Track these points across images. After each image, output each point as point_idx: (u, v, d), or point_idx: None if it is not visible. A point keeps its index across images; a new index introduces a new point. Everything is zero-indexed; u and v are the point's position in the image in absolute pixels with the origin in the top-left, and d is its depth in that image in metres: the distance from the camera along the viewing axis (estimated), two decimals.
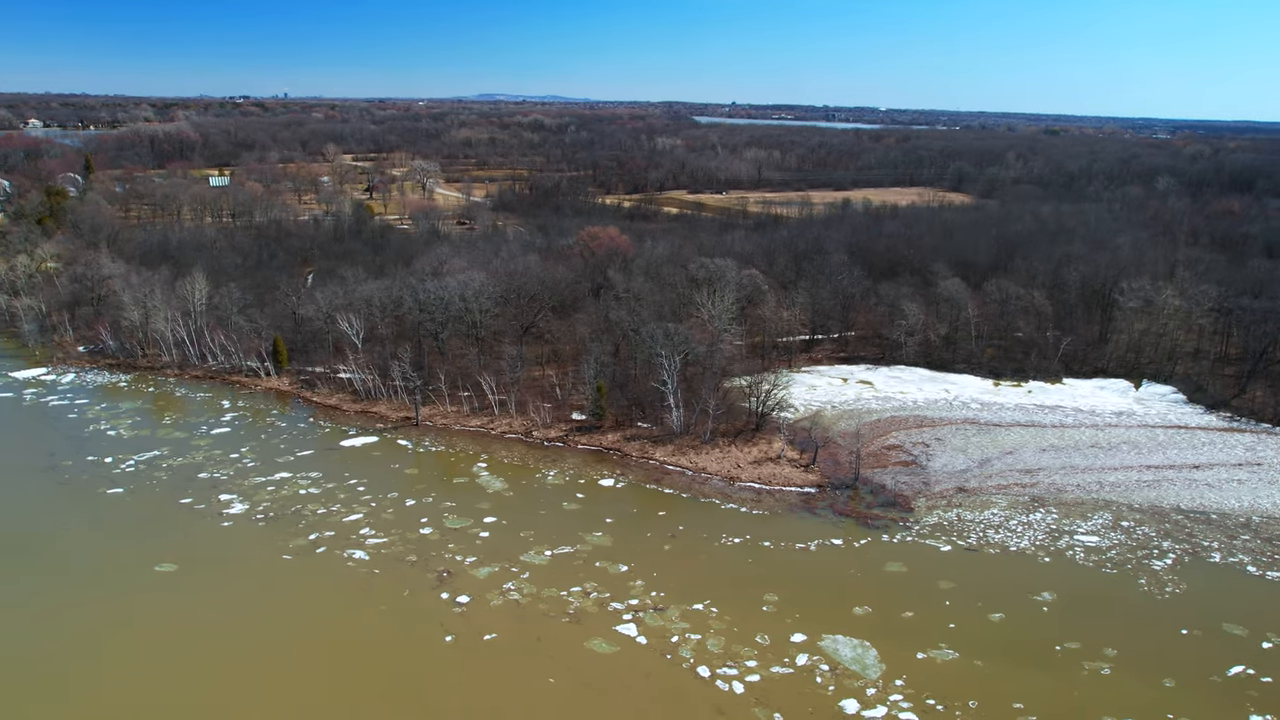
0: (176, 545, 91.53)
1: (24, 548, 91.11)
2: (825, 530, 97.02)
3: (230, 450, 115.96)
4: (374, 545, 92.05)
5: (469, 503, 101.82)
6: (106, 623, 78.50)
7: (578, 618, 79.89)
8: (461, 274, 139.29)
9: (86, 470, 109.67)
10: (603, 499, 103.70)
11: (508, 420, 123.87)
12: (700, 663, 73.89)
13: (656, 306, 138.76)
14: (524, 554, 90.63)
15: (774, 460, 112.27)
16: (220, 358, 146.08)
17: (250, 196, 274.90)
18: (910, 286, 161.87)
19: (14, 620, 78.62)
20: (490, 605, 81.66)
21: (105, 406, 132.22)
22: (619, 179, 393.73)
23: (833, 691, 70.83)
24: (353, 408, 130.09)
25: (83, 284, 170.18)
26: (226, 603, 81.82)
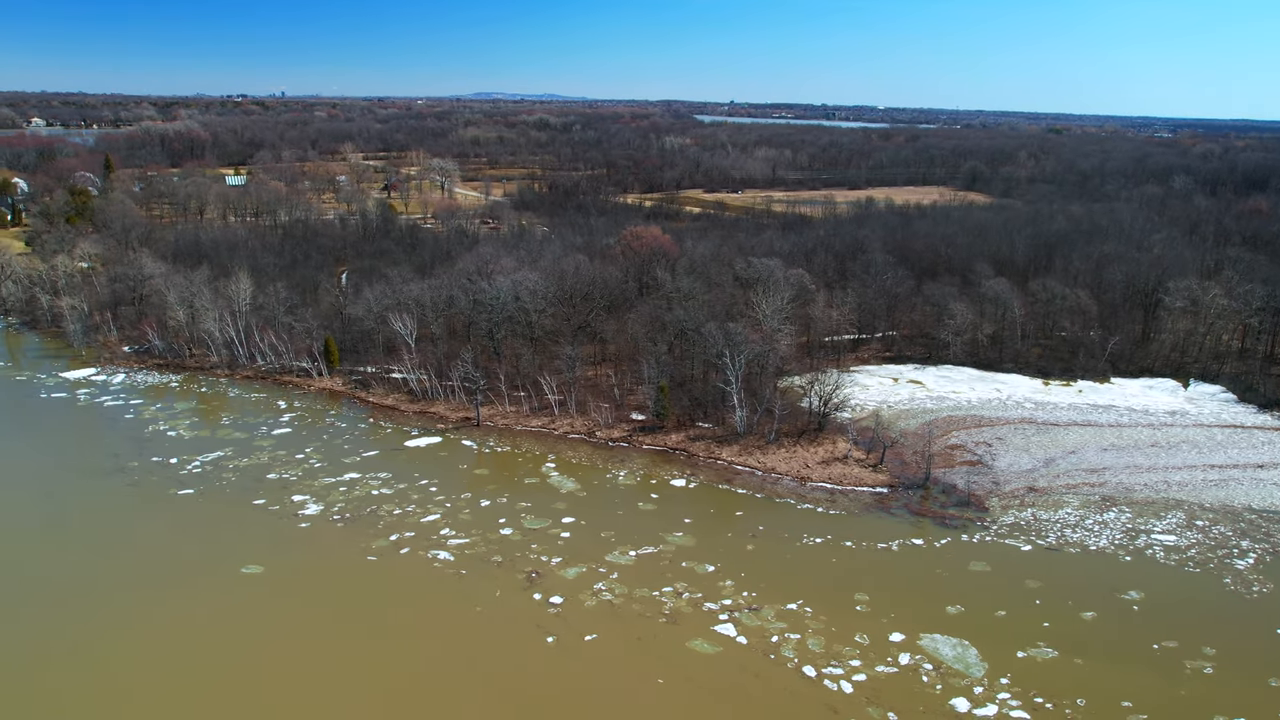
0: (259, 547, 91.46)
1: (109, 551, 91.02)
2: (904, 530, 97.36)
3: (294, 451, 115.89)
4: (456, 546, 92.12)
5: (544, 503, 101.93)
6: (204, 626, 78.29)
7: (674, 618, 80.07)
8: (515, 273, 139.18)
9: (154, 472, 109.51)
10: (677, 499, 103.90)
11: (569, 420, 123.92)
12: (804, 662, 74.14)
13: (708, 306, 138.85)
14: (609, 554, 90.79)
15: (841, 460, 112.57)
16: (270, 358, 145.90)
17: (275, 196, 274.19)
18: (954, 286, 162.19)
19: (115, 625, 78.47)
20: (584, 606, 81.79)
21: (160, 407, 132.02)
22: (635, 178, 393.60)
23: (940, 690, 71.13)
24: (410, 408, 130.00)
25: (125, 284, 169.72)
26: (319, 604, 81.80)
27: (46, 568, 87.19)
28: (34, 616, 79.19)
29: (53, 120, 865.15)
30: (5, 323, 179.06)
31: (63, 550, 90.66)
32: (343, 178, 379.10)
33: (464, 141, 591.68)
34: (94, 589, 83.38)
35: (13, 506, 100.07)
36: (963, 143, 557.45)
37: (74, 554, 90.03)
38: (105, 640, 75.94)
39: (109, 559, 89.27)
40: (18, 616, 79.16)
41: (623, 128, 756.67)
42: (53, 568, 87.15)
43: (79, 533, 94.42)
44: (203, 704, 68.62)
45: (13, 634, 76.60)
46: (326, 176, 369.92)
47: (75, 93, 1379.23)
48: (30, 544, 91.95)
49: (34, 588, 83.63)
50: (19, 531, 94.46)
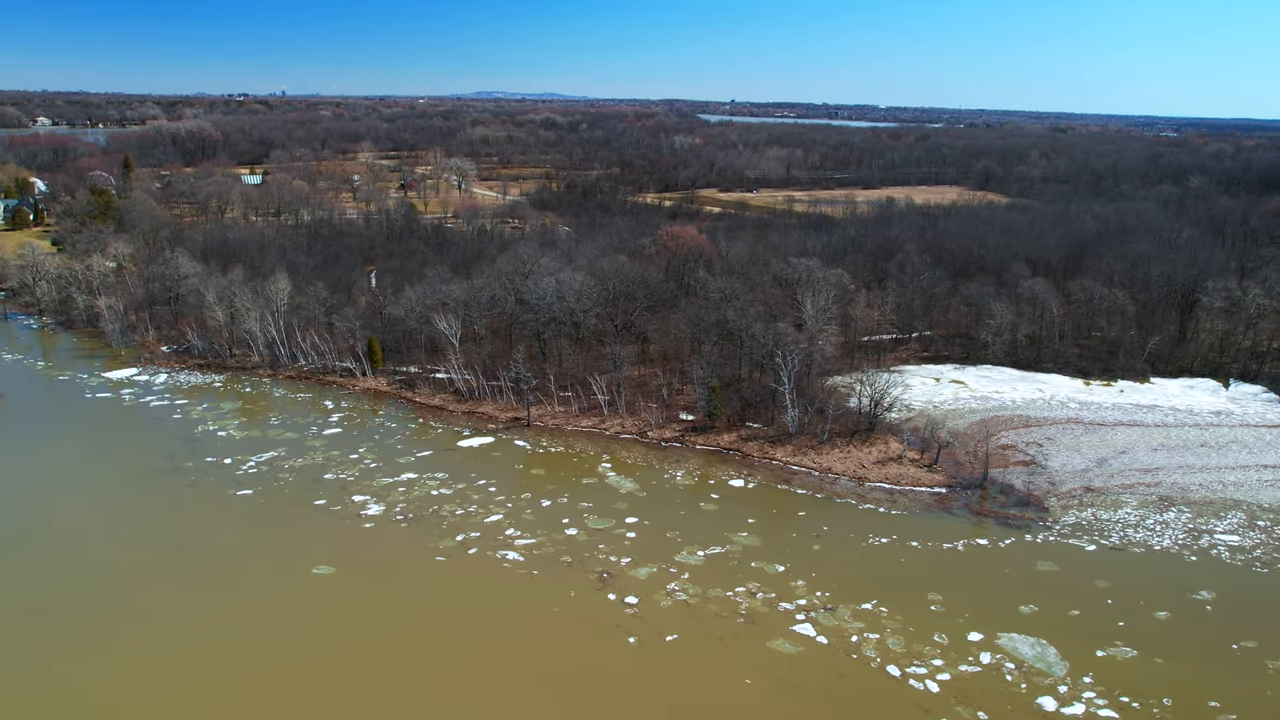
0: (326, 548, 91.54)
1: (180, 553, 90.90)
2: (966, 530, 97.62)
3: (348, 451, 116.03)
4: (524, 546, 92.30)
5: (605, 503, 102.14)
6: (286, 628, 78.46)
7: (751, 618, 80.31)
8: (558, 274, 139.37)
9: (210, 472, 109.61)
10: (737, 499, 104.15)
11: (619, 420, 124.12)
12: (887, 662, 74.40)
13: (750, 306, 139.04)
14: (677, 554, 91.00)
15: (896, 461, 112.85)
16: (312, 358, 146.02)
17: (297, 195, 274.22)
18: (990, 286, 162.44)
19: (197, 628, 78.49)
20: (660, 606, 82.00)
21: (206, 407, 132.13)
22: (650, 177, 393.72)
23: (1025, 690, 71.39)
24: (458, 408, 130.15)
25: (161, 283, 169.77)
26: (397, 605, 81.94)
27: (119, 570, 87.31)
28: (116, 621, 79.31)
29: (58, 119, 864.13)
30: (40, 322, 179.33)
31: (132, 552, 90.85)
32: (357, 177, 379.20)
33: (474, 141, 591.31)
34: (171, 592, 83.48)
35: (76, 508, 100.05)
36: (973, 142, 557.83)
37: (144, 556, 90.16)
38: (192, 644, 75.94)
39: (181, 561, 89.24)
40: (100, 621, 79.23)
41: (629, 127, 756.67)
42: (125, 570, 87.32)
43: (146, 534, 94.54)
44: (297, 705, 68.83)
45: (98, 639, 76.71)
46: (342, 176, 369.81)
47: (75, 91, 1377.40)
48: (98, 546, 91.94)
49: (109, 591, 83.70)
50: (86, 533, 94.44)
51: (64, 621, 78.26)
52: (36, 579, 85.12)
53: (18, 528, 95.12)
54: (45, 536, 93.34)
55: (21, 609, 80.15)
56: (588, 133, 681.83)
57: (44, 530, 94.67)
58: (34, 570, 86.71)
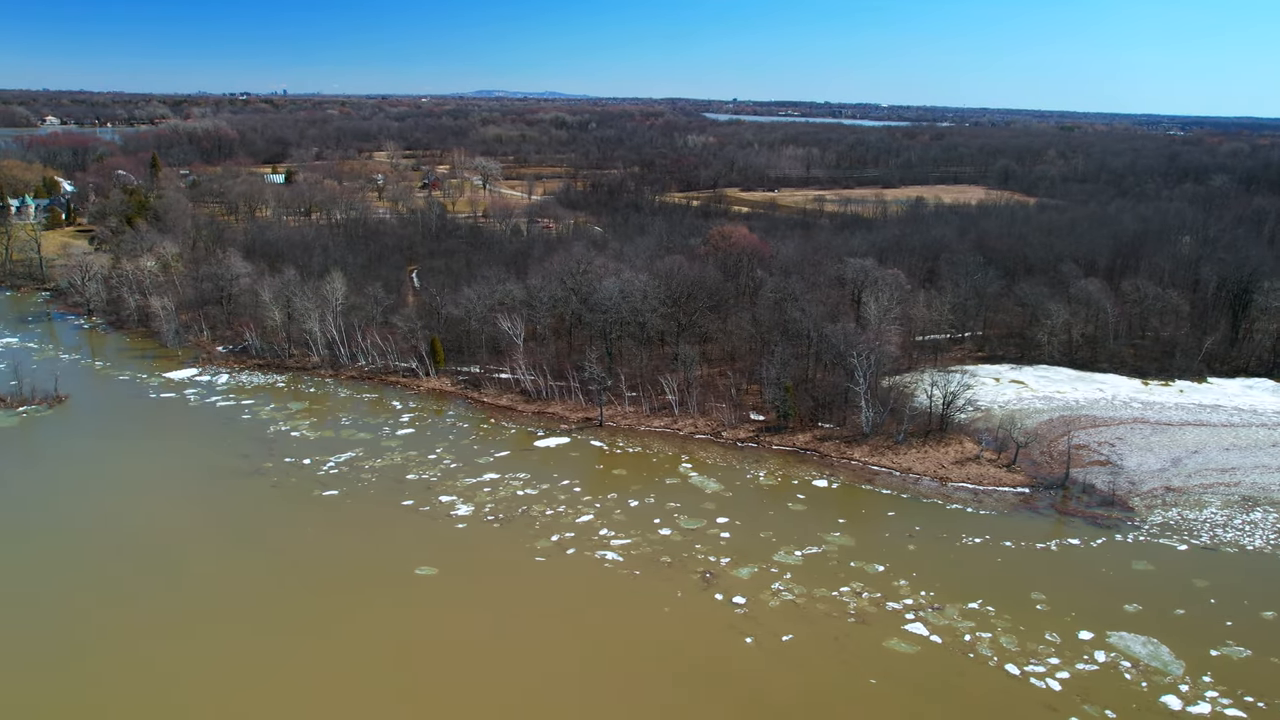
0: (424, 548, 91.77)
1: (278, 555, 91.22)
2: (1056, 530, 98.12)
3: (425, 451, 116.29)
4: (620, 546, 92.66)
5: (693, 503, 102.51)
6: (400, 629, 78.70)
7: (862, 618, 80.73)
8: (622, 274, 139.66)
9: (291, 473, 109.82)
10: (823, 499, 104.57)
11: (690, 420, 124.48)
12: (1004, 660, 74.85)
13: (812, 305, 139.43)
14: (775, 554, 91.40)
15: (975, 461, 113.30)
16: (373, 358, 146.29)
17: (330, 194, 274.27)
18: (1047, 286, 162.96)
19: (310, 630, 78.84)
20: (769, 606, 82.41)
21: (274, 408, 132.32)
22: (672, 177, 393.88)
23: (1146, 689, 71.86)
24: (527, 408, 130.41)
25: (213, 283, 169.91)
26: (506, 605, 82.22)
27: (226, 572, 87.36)
28: (236, 623, 79.51)
29: (66, 119, 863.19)
30: (90, 323, 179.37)
31: (234, 554, 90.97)
32: (380, 176, 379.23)
33: (488, 140, 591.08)
34: (280, 593, 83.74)
35: (169, 510, 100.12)
36: (989, 141, 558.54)
37: (247, 558, 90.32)
38: (313, 646, 76.30)
39: (282, 562, 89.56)
40: (222, 624, 79.46)
41: (638, 126, 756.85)
42: (232, 572, 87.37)
43: (243, 536, 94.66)
44: (429, 702, 69.19)
45: (224, 642, 77.00)
46: (365, 175, 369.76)
47: (77, 90, 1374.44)
48: (200, 548, 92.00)
49: (221, 593, 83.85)
50: (185, 535, 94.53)
51: (189, 624, 78.51)
52: (151, 582, 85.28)
53: (121, 531, 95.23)
54: (148, 539, 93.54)
55: (144, 612, 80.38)
56: (598, 132, 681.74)
57: (145, 532, 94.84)
58: (147, 572, 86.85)
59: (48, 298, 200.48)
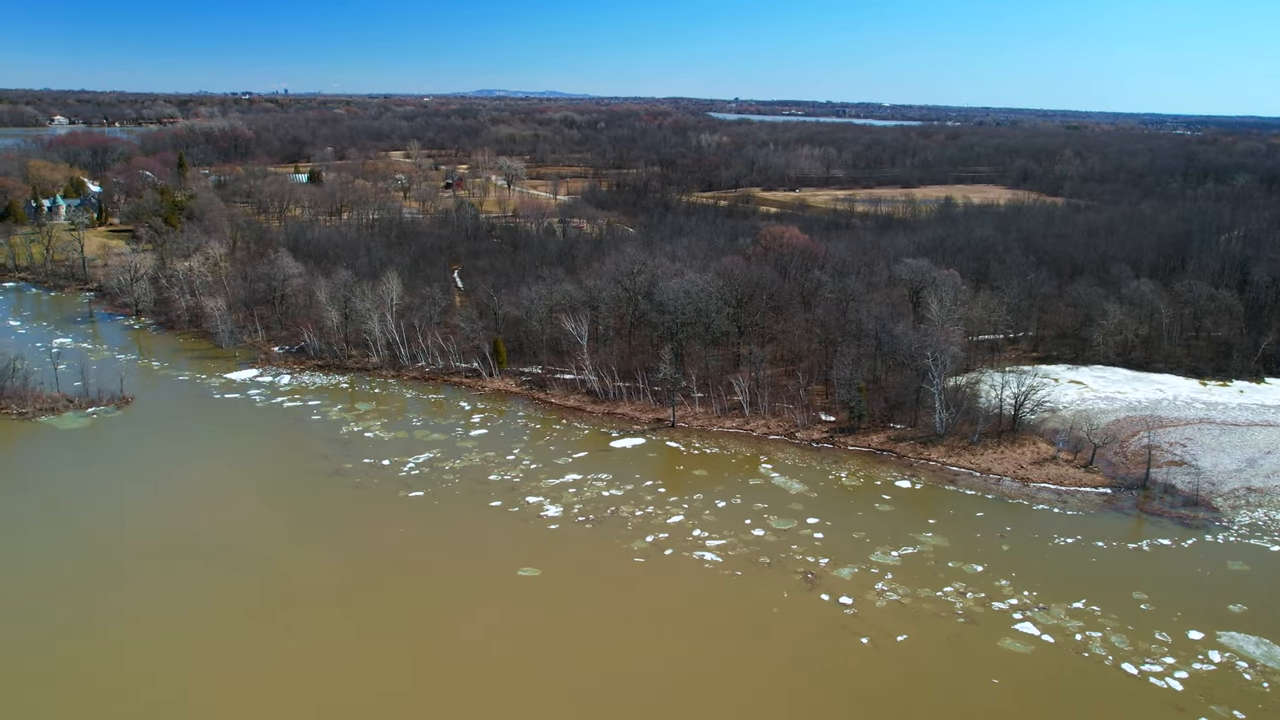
0: (522, 549, 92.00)
1: (376, 555, 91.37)
2: (1145, 530, 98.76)
3: (503, 452, 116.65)
4: (716, 547, 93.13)
5: (780, 504, 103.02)
6: (511, 630, 79.05)
7: (971, 618, 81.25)
8: (687, 275, 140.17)
9: (372, 474, 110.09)
10: (909, 500, 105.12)
11: (762, 421, 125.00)
12: (1119, 660, 75.41)
13: (874, 306, 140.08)
14: (871, 554, 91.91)
15: (1052, 461, 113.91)
16: (434, 358, 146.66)
17: (361, 194, 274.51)
18: (1095, 286, 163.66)
19: (426, 633, 79.25)
20: (876, 606, 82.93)
21: (342, 408, 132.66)
22: (692, 177, 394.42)
23: (1268, 689, 72.40)
24: (596, 409, 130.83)
25: (266, 284, 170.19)
26: (617, 607, 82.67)
27: (326, 575, 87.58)
28: (344, 626, 79.95)
29: (75, 118, 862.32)
30: (139, 323, 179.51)
31: (330, 556, 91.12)
32: (401, 176, 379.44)
33: (501, 139, 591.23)
34: (387, 596, 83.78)
35: (256, 512, 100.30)
36: (1005, 141, 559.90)
37: (345, 560, 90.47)
38: (426, 649, 76.66)
39: (381, 564, 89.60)
40: (332, 627, 79.88)
41: (647, 125, 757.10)
42: (332, 575, 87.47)
43: (337, 538, 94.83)
44: (553, 707, 69.64)
45: (332, 647, 77.40)
46: (387, 174, 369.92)
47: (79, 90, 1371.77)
48: (293, 550, 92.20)
49: (326, 595, 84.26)
50: (275, 537, 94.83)
51: (299, 624, 78.95)
52: (253, 584, 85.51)
53: (217, 535, 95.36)
54: (244, 541, 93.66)
55: (254, 614, 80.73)
56: (610, 131, 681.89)
57: (241, 535, 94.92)
58: (249, 574, 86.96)
59: (92, 298, 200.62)
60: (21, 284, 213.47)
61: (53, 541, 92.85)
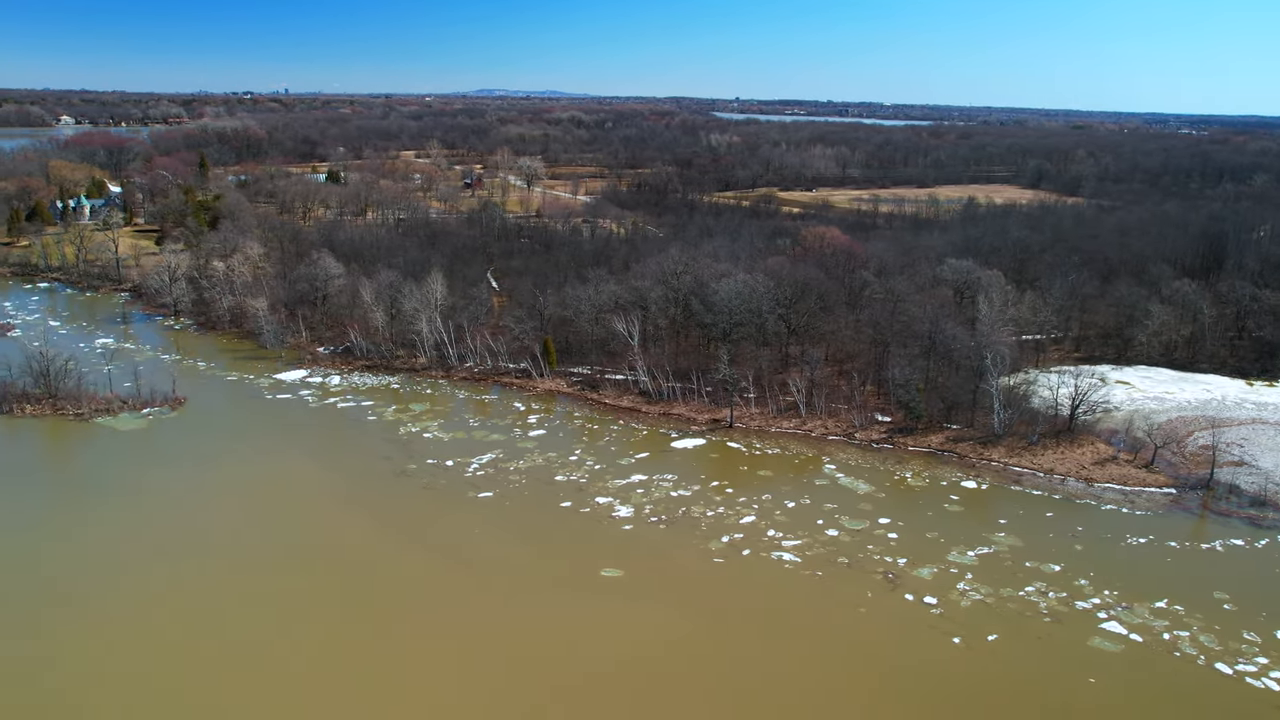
0: (601, 550, 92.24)
1: (457, 556, 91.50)
2: (1216, 530, 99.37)
3: (564, 453, 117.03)
4: (793, 548, 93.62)
5: (849, 504, 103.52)
6: (606, 631, 79.48)
7: (1056, 617, 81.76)
8: (738, 276, 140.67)
9: (438, 474, 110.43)
10: (977, 500, 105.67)
11: (819, 421, 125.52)
12: (1212, 659, 75.91)
13: (922, 306, 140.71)
14: (948, 554, 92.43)
15: (1113, 461, 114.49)
16: (484, 359, 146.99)
17: (386, 194, 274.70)
18: (1135, 285, 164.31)
19: (519, 633, 79.59)
20: (961, 606, 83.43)
21: (396, 409, 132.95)
22: (709, 176, 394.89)
23: None
24: (651, 410, 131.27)
25: (309, 284, 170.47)
26: (705, 607, 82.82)
27: (409, 577, 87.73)
28: (436, 630, 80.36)
29: (81, 118, 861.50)
30: (179, 324, 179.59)
31: (409, 557, 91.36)
32: (418, 175, 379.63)
33: (511, 139, 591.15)
34: (475, 597, 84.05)
35: (329, 513, 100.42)
36: (1018, 140, 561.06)
37: (422, 561, 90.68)
38: (527, 651, 76.94)
39: (461, 565, 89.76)
40: (419, 630, 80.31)
41: (655, 125, 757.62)
42: (414, 576, 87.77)
43: (414, 538, 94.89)
44: (659, 707, 70.10)
45: (428, 650, 77.83)
46: (406, 174, 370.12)
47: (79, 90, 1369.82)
48: (373, 551, 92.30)
49: (412, 598, 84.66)
50: (353, 538, 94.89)
51: (394, 628, 79.35)
52: (345, 586, 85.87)
53: (292, 535, 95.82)
54: (321, 543, 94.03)
55: (347, 615, 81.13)
56: (618, 131, 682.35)
57: (317, 537, 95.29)
58: (340, 576, 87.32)
59: (127, 298, 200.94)
60: (55, 284, 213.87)
61: (141, 542, 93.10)
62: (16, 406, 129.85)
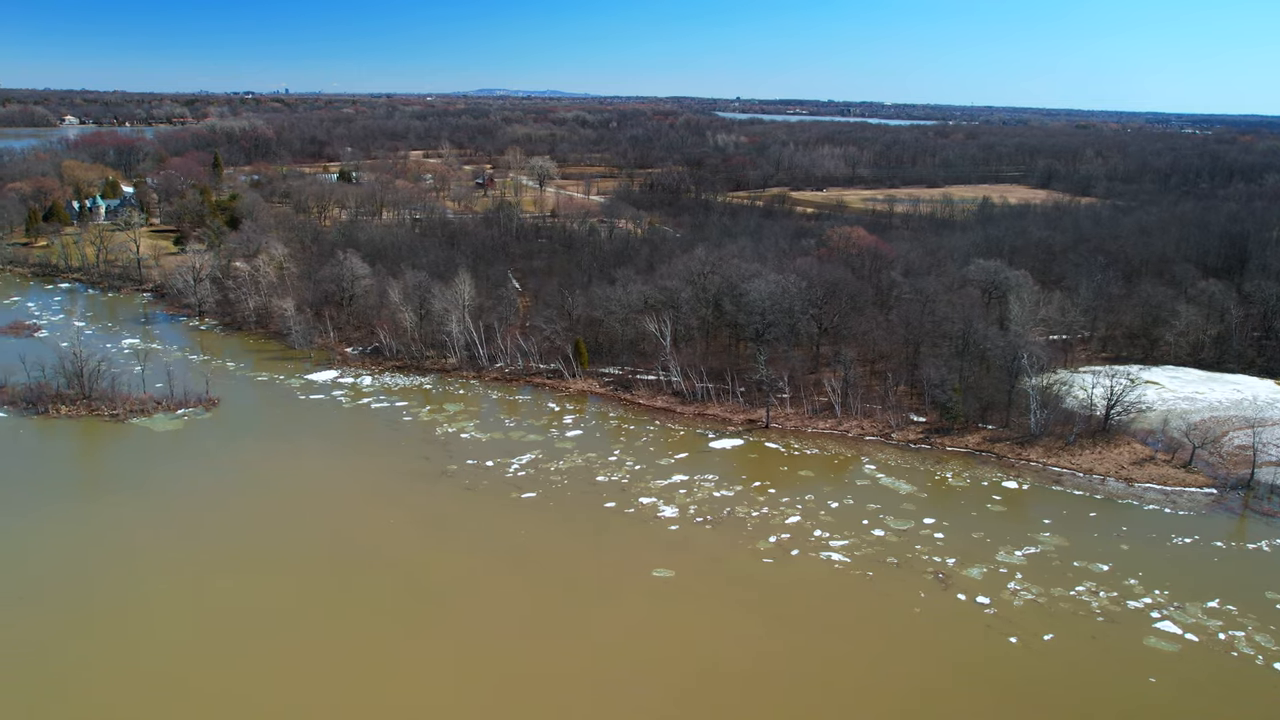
0: (650, 550, 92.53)
1: (508, 556, 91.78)
2: (1260, 530, 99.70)
3: (603, 453, 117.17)
4: (841, 548, 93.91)
5: (892, 504, 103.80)
6: (672, 633, 79.84)
7: (1109, 617, 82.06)
8: (769, 276, 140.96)
9: (479, 475, 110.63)
10: (1019, 500, 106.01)
11: (855, 422, 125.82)
12: (1270, 659, 76.20)
13: (954, 307, 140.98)
14: (996, 554, 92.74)
15: (1151, 461, 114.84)
16: (515, 359, 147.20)
17: (403, 195, 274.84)
18: (1161, 285, 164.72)
19: (582, 634, 79.93)
20: (1014, 606, 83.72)
21: (430, 409, 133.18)
22: (719, 176, 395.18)
23: None
24: (685, 410, 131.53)
25: (336, 284, 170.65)
26: (761, 607, 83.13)
27: (462, 577, 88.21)
28: (498, 630, 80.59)
29: (85, 118, 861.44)
30: (205, 324, 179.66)
31: (459, 558, 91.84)
32: (428, 176, 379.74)
33: (518, 139, 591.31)
34: (532, 598, 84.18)
35: (374, 514, 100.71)
36: (1025, 140, 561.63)
37: (472, 561, 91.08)
38: (590, 653, 77.40)
39: (514, 565, 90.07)
40: (480, 629, 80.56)
41: (660, 124, 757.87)
42: (467, 577, 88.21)
43: (462, 539, 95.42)
44: (714, 705, 70.40)
45: (487, 648, 78.10)
46: (417, 174, 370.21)
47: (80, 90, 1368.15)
48: (419, 552, 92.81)
49: (465, 598, 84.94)
50: (399, 539, 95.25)
51: (454, 629, 79.63)
52: (400, 586, 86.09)
53: (339, 535, 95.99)
54: (370, 543, 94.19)
55: (402, 617, 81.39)
56: (624, 130, 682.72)
57: (371, 535, 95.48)
58: (392, 576, 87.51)
59: (150, 299, 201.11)
60: (76, 285, 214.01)
61: (192, 544, 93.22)
62: (52, 407, 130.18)
